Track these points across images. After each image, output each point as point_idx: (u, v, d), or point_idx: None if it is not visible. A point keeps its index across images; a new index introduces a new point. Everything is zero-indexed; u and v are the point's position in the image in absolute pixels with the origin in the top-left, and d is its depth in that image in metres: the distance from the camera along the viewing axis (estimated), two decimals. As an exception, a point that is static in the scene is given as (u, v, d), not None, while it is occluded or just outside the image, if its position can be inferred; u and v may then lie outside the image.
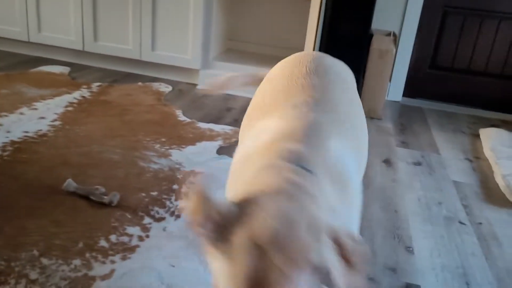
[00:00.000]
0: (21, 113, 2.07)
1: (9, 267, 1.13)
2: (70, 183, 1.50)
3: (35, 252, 1.19)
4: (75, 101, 2.31)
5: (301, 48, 3.07)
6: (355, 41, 2.51)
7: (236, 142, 2.07)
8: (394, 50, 2.56)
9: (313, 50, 2.54)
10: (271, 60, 2.98)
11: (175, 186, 1.62)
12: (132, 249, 1.26)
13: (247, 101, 2.66)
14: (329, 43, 2.52)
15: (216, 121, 2.30)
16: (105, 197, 1.46)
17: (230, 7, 3.10)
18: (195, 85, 2.84)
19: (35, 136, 1.87)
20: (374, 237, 1.51)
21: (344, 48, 2.50)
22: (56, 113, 2.12)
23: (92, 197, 1.47)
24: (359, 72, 2.52)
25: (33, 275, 1.11)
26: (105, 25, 2.81)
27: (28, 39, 2.93)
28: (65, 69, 2.82)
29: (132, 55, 2.83)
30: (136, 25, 2.75)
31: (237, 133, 2.17)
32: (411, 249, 1.47)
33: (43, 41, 2.93)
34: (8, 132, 1.87)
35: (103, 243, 1.27)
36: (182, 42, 2.74)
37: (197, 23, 2.68)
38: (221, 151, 1.97)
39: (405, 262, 1.40)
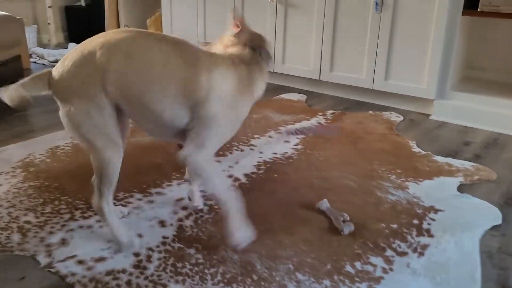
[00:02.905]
0: (270, 136, 2.35)
1: (271, 276, 1.28)
2: (324, 203, 1.63)
3: (291, 266, 1.32)
4: (313, 127, 2.50)
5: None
6: None
7: (479, 180, 1.90)
8: None
9: None
10: (519, 90, 2.66)
11: (415, 221, 1.58)
12: (377, 280, 1.28)
13: (489, 135, 2.43)
14: None
15: (454, 155, 2.16)
16: (342, 223, 1.53)
17: (472, 34, 2.89)
18: (427, 115, 2.74)
19: (282, 158, 2.09)
20: None
21: None
22: (298, 138, 2.33)
23: (334, 221, 1.56)
24: None
25: (291, 287, 1.24)
26: (341, 56, 2.97)
27: (273, 70, 3.32)
28: (302, 97, 3.09)
29: (365, 84, 2.91)
30: (372, 55, 2.83)
31: (479, 170, 1.99)
32: None
33: (286, 72, 3.27)
34: (261, 152, 2.14)
35: (348, 268, 1.33)
36: (418, 72, 2.69)
37: (436, 52, 2.59)
38: (462, 188, 1.84)
39: None
